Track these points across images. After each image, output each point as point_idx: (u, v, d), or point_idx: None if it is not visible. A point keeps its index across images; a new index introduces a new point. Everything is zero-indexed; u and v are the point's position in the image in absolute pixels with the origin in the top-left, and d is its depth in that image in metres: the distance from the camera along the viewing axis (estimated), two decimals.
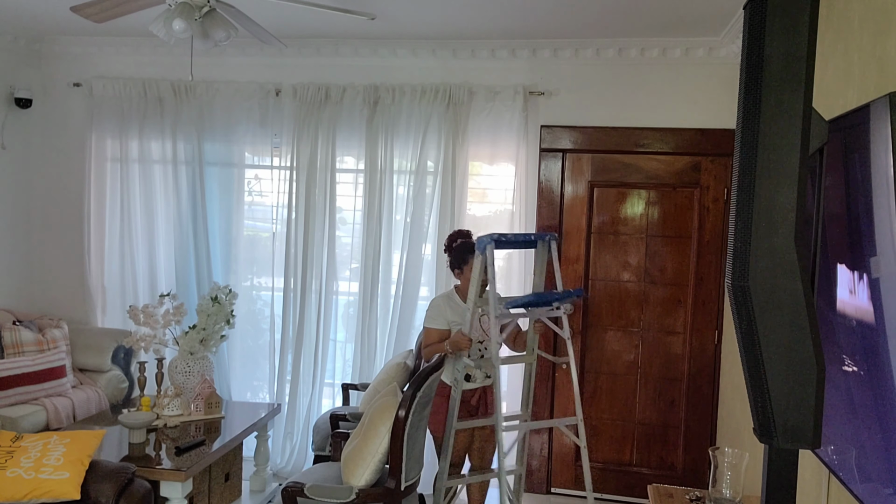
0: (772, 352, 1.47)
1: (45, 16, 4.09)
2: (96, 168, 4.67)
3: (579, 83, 4.13)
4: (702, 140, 3.99)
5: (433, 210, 4.21)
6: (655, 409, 4.14)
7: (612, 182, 4.13)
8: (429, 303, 3.49)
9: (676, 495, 2.65)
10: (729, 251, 1.51)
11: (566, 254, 4.18)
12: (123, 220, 4.60)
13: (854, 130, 1.91)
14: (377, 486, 2.87)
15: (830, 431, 2.04)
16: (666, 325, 4.11)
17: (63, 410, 3.94)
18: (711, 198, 4.02)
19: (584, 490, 4.24)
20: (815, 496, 2.35)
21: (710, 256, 4.04)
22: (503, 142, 4.15)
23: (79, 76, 4.69)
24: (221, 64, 4.50)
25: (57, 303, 4.82)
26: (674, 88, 4.03)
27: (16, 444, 2.86)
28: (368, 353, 4.29)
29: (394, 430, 2.81)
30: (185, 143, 4.52)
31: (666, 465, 4.15)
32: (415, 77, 4.26)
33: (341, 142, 4.36)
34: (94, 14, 2.99)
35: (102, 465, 2.84)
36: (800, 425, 1.48)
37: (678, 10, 3.44)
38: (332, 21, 3.80)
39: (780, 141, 1.44)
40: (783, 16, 1.42)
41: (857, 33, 2.17)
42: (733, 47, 3.80)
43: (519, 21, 3.72)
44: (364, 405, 3.66)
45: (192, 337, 3.79)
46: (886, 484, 1.66)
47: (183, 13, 2.75)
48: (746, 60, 1.48)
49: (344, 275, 4.46)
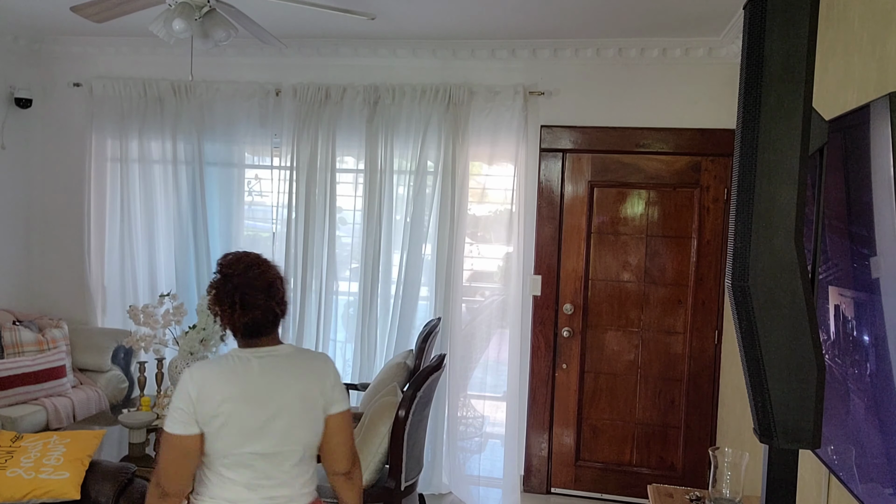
0: (772, 352, 1.47)
1: (45, 16, 4.09)
2: (96, 168, 4.67)
3: (579, 83, 4.13)
4: (702, 140, 3.99)
5: (433, 210, 4.21)
6: (655, 409, 4.14)
7: (612, 182, 4.13)
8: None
9: (676, 495, 2.65)
10: (729, 251, 1.51)
11: (566, 254, 4.18)
12: (123, 220, 4.60)
13: (854, 130, 1.91)
14: (377, 486, 2.87)
15: (830, 431, 2.04)
16: (666, 325, 4.11)
17: (63, 410, 3.94)
18: (711, 198, 4.02)
19: (584, 490, 4.25)
20: (815, 496, 2.35)
21: (710, 256, 4.04)
22: (503, 142, 4.15)
23: (79, 76, 4.69)
24: (221, 64, 4.50)
25: (57, 303, 4.82)
26: (674, 88, 4.03)
27: (16, 444, 2.86)
28: (368, 353, 4.29)
29: (394, 430, 2.81)
30: (185, 143, 4.52)
31: (666, 465, 4.15)
32: (415, 77, 4.26)
33: (341, 142, 4.36)
34: (94, 14, 2.99)
35: (102, 465, 2.84)
36: (800, 425, 1.48)
37: (678, 10, 3.44)
38: (332, 21, 3.80)
39: (780, 141, 1.44)
40: (783, 16, 1.42)
41: (857, 33, 2.17)
42: (733, 47, 3.80)
43: (519, 21, 3.72)
44: (364, 405, 3.66)
45: (192, 337, 3.79)
46: (886, 484, 1.66)
47: (183, 13, 2.75)
48: (746, 60, 1.48)
49: (344, 275, 4.46)
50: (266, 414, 1.75)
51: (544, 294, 4.18)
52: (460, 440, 4.25)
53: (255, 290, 1.78)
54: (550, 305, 4.19)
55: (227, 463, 1.76)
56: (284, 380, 1.80)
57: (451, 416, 4.20)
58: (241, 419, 1.73)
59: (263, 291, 1.79)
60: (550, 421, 4.23)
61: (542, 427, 4.23)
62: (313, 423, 1.83)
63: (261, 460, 1.76)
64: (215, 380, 1.75)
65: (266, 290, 1.80)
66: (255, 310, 1.77)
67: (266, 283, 1.81)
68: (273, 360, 1.81)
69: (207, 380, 1.74)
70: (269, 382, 1.78)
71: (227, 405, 1.72)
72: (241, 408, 1.73)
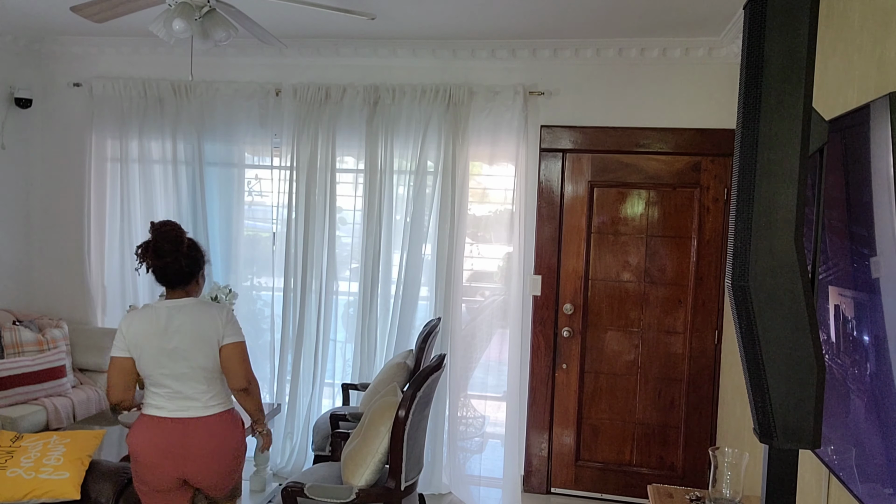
0: (772, 352, 1.47)
1: (45, 16, 4.09)
2: (96, 168, 4.67)
3: (579, 83, 4.13)
4: (702, 140, 4.00)
5: (433, 210, 4.21)
6: (655, 409, 4.14)
7: (612, 182, 4.13)
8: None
9: (676, 495, 2.65)
10: (729, 251, 1.51)
11: (566, 254, 4.18)
12: (123, 220, 4.60)
13: (854, 130, 1.91)
14: (377, 486, 2.87)
15: (830, 431, 2.04)
16: (666, 325, 4.11)
17: (63, 410, 3.94)
18: (711, 198, 4.02)
19: (584, 490, 4.25)
20: (815, 496, 2.35)
21: (710, 256, 4.04)
22: (503, 142, 4.15)
23: (79, 76, 4.69)
24: (221, 64, 4.50)
25: (57, 303, 4.82)
26: (674, 88, 4.03)
27: (16, 444, 2.86)
28: (368, 353, 4.29)
29: (394, 430, 2.81)
30: (185, 143, 4.52)
31: (666, 465, 4.15)
32: (415, 77, 4.26)
33: (341, 142, 4.36)
34: (94, 14, 2.99)
35: (102, 465, 2.84)
36: (800, 425, 1.48)
37: (678, 10, 3.44)
38: (332, 21, 3.80)
39: (780, 141, 1.44)
40: (783, 16, 1.42)
41: (857, 33, 2.17)
42: (733, 47, 3.80)
43: (519, 21, 3.72)
44: (364, 405, 3.66)
45: None
46: (886, 484, 1.66)
47: (183, 13, 2.75)
48: (746, 60, 1.48)
49: (344, 275, 4.46)
50: (169, 346, 2.44)
51: (544, 294, 4.18)
52: (460, 440, 4.25)
53: (166, 242, 2.46)
54: (550, 305, 4.19)
55: (150, 382, 2.49)
56: (183, 321, 2.47)
57: (451, 416, 4.20)
58: (151, 349, 2.44)
59: (172, 243, 2.46)
60: (550, 421, 4.23)
61: (542, 427, 4.23)
62: (207, 352, 2.47)
63: (170, 380, 2.45)
64: (137, 322, 2.47)
65: (174, 243, 2.47)
66: (165, 256, 2.45)
67: (174, 238, 2.48)
68: (177, 308, 2.50)
69: (132, 322, 2.47)
70: (171, 324, 2.46)
71: (142, 339, 2.44)
72: (152, 341, 2.44)
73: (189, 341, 2.45)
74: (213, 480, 2.53)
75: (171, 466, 2.45)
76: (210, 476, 2.51)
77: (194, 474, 2.49)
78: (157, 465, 2.44)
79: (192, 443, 2.45)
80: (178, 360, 2.44)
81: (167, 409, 2.45)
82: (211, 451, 2.48)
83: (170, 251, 2.45)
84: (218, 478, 2.53)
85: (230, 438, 2.53)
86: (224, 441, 2.51)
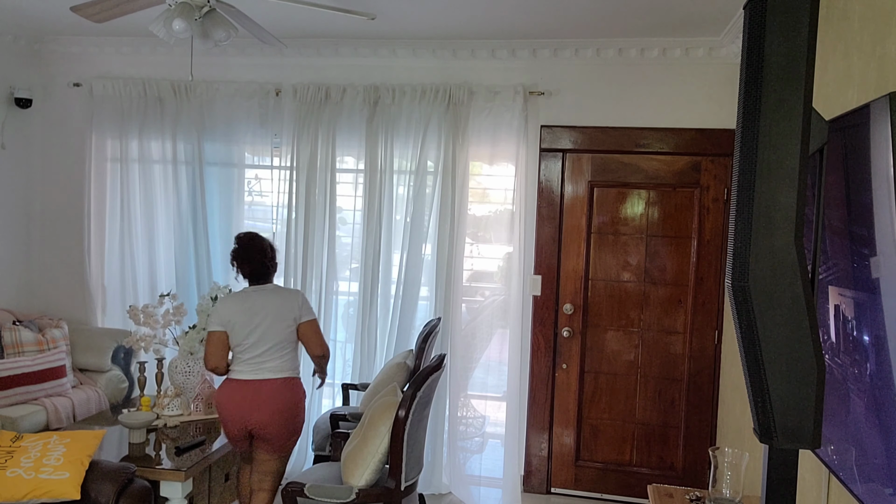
0: (772, 352, 1.47)
1: (45, 16, 4.09)
2: (96, 168, 4.67)
3: (579, 83, 4.13)
4: (702, 140, 4.00)
5: (433, 210, 4.21)
6: (655, 409, 4.14)
7: (612, 182, 4.13)
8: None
9: (676, 495, 2.65)
10: (729, 251, 1.51)
11: (566, 254, 4.18)
12: (123, 220, 4.60)
13: (854, 130, 1.91)
14: (377, 486, 2.87)
15: (830, 431, 2.04)
16: (666, 325, 4.11)
17: (63, 410, 3.94)
18: (711, 198, 4.02)
19: (584, 490, 4.25)
20: (815, 496, 2.35)
21: (710, 256, 4.04)
22: (503, 142, 4.15)
23: (79, 76, 4.69)
24: (221, 64, 4.50)
25: (57, 303, 4.82)
26: (674, 88, 4.03)
27: (16, 444, 2.86)
28: (368, 353, 4.29)
29: (394, 430, 2.81)
30: (185, 143, 4.52)
31: (666, 465, 4.15)
32: (415, 77, 4.26)
33: (341, 142, 4.36)
34: (94, 14, 2.99)
35: (102, 465, 2.84)
36: (800, 425, 1.48)
37: (678, 10, 3.44)
38: (332, 21, 3.80)
39: (780, 141, 1.44)
40: (783, 16, 1.42)
41: (857, 33, 2.17)
42: (733, 47, 3.80)
43: (519, 21, 3.72)
44: (364, 405, 3.66)
45: (192, 337, 3.79)
46: (886, 484, 1.66)
47: (183, 13, 2.75)
48: (746, 60, 1.48)
49: (344, 275, 4.46)
50: (255, 320, 3.05)
51: (544, 294, 4.19)
52: (460, 440, 4.25)
53: (253, 252, 3.15)
54: (550, 305, 4.19)
55: (238, 350, 3.08)
56: (265, 303, 3.09)
57: (451, 416, 4.20)
58: (241, 323, 3.05)
59: (259, 253, 3.16)
60: (550, 421, 4.23)
61: (542, 427, 4.23)
62: (285, 326, 3.09)
63: (253, 348, 3.05)
64: (230, 303, 3.10)
65: (260, 252, 3.16)
66: (253, 263, 3.15)
67: (259, 248, 3.17)
68: (263, 292, 3.14)
69: (227, 303, 3.10)
70: (257, 303, 3.09)
71: (234, 316, 3.06)
72: (242, 317, 3.05)
73: (270, 319, 3.05)
74: (272, 431, 3.03)
75: (239, 418, 3.01)
76: (270, 427, 3.02)
77: (258, 424, 3.01)
78: (230, 415, 3.02)
79: (260, 399, 3.01)
80: (259, 332, 3.03)
81: (246, 373, 3.04)
82: (274, 406, 3.02)
83: (257, 259, 3.15)
84: (276, 429, 3.03)
85: (291, 399, 3.08)
86: (286, 401, 3.05)
